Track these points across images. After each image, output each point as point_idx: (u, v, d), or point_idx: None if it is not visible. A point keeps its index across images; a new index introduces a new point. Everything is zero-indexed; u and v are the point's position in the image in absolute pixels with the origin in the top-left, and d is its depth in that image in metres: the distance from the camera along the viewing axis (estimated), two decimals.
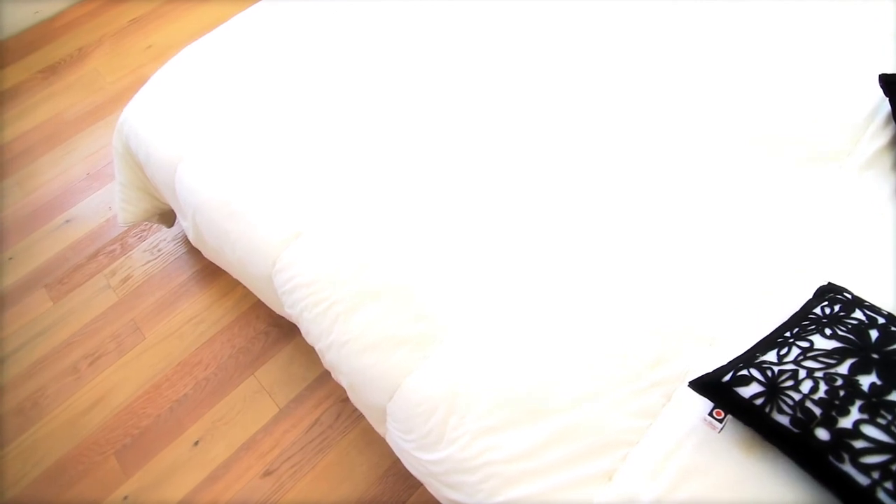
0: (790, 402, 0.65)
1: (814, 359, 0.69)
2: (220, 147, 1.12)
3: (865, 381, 0.65)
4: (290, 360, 1.44)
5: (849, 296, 0.78)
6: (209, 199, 1.09)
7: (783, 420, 0.65)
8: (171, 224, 1.64)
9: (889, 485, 0.60)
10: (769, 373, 0.68)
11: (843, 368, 0.67)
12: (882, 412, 0.63)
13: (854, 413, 0.63)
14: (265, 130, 1.13)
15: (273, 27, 1.33)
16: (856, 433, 0.62)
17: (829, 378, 0.66)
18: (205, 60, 1.29)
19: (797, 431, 0.64)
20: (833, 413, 0.64)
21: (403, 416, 0.88)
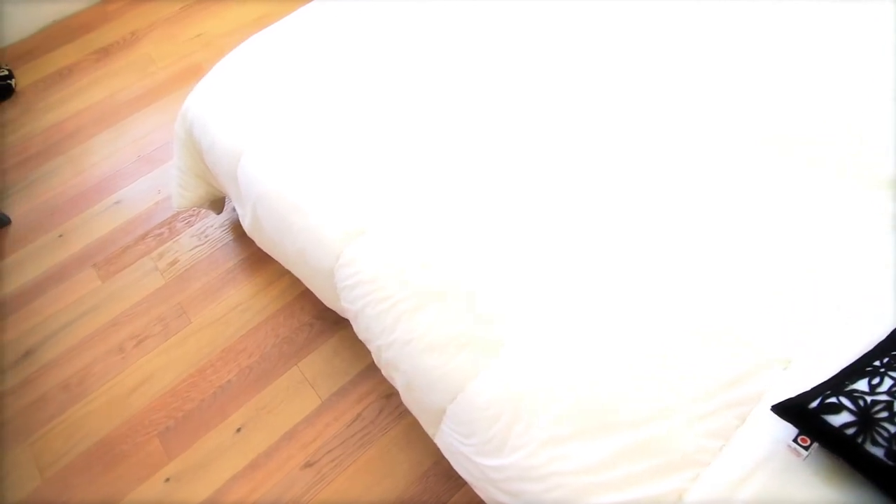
0: (885, 434, 0.63)
1: None
2: (286, 139, 1.13)
3: None
4: (334, 354, 1.44)
5: None
6: (273, 191, 1.09)
7: (877, 452, 0.63)
8: (220, 211, 1.65)
9: None
10: (861, 402, 0.66)
11: None
12: None
13: None
14: (329, 125, 1.13)
15: (336, 22, 1.33)
16: None
17: None
18: (268, 52, 1.29)
19: (893, 464, 0.62)
20: None
21: (465, 420, 0.88)
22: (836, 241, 0.92)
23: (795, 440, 0.70)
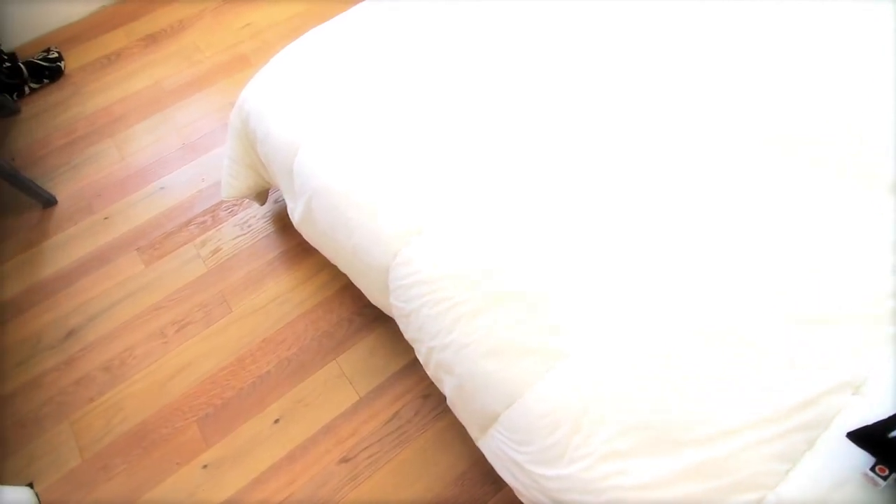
0: None
1: None
2: (345, 135, 1.12)
3: None
4: (372, 351, 1.44)
5: None
6: (331, 186, 1.09)
7: None
8: (264, 202, 1.66)
9: None
10: None
11: None
12: None
13: None
14: (388, 122, 1.13)
15: (395, 19, 1.33)
16: None
17: None
18: (326, 47, 1.29)
19: None
20: None
21: (522, 427, 0.87)
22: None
23: (873, 469, 0.68)
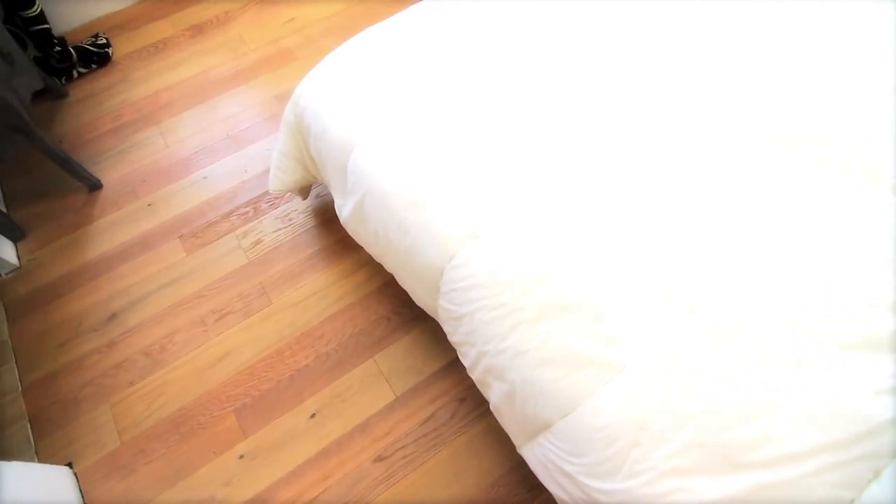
0: None
1: None
2: (402, 135, 1.13)
3: None
4: (409, 351, 1.45)
5: None
6: (387, 186, 1.09)
7: None
8: (306, 197, 1.67)
9: None
10: None
11: None
12: None
13: None
14: (447, 123, 1.13)
15: (451, 19, 1.33)
16: None
17: None
18: (383, 45, 1.30)
19: None
20: None
21: (575, 438, 0.86)
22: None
23: None
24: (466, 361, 1.12)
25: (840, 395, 0.80)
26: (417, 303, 1.26)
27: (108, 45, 2.15)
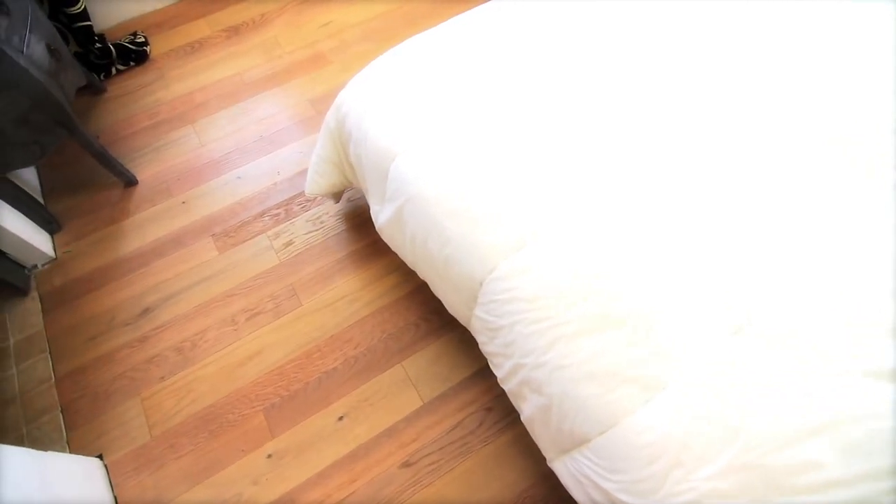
0: None
1: None
2: (446, 145, 1.13)
3: None
4: (437, 358, 1.45)
5: None
6: (429, 194, 1.10)
7: None
8: (338, 201, 1.68)
9: None
10: None
11: None
12: None
13: None
14: (490, 134, 1.14)
15: (494, 30, 1.34)
16: None
17: None
18: (426, 54, 1.31)
19: None
20: None
21: (614, 455, 0.86)
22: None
23: None
24: (499, 372, 1.12)
25: (887, 423, 0.80)
26: (450, 311, 1.27)
27: (147, 44, 2.19)
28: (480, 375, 1.42)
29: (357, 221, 1.70)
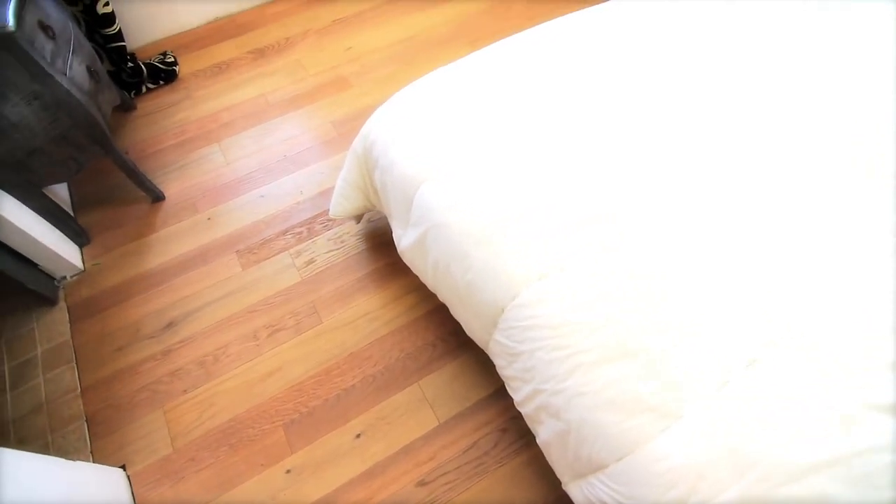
0: None
1: None
2: (471, 174, 1.18)
3: None
4: (454, 378, 1.48)
5: None
6: (453, 222, 1.14)
7: None
8: (360, 221, 1.73)
9: None
10: None
11: None
12: None
13: None
14: (514, 165, 1.18)
15: (518, 64, 1.39)
16: None
17: None
18: (451, 85, 1.36)
19: None
20: None
21: (633, 482, 0.89)
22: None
23: None
24: (517, 396, 1.15)
25: (892, 456, 0.82)
26: (468, 334, 1.30)
27: (176, 63, 2.27)
28: (496, 396, 1.44)
29: (377, 241, 1.75)
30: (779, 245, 1.03)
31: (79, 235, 1.78)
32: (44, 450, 1.43)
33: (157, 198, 1.88)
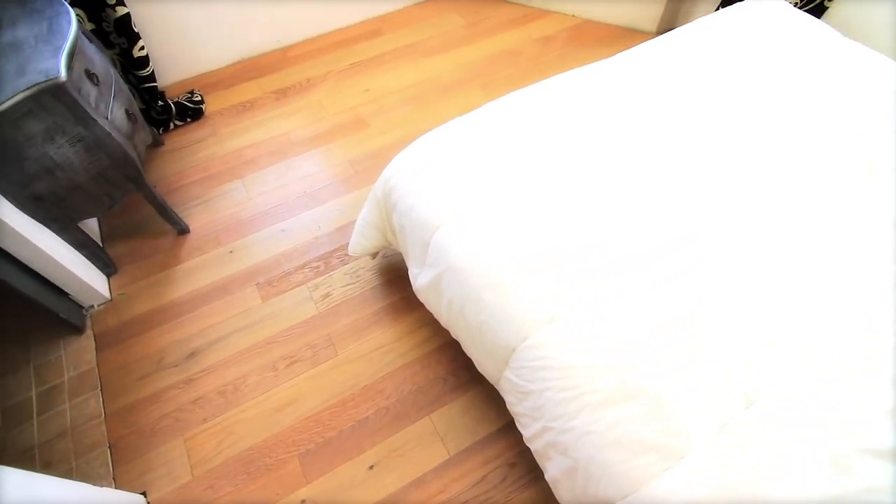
0: None
1: None
2: (484, 220, 1.25)
3: None
4: (464, 412, 1.53)
5: None
6: (468, 265, 1.22)
7: None
8: (375, 257, 1.81)
9: None
10: None
11: None
12: None
13: None
14: (528, 213, 1.26)
15: (533, 113, 1.48)
16: None
17: None
18: (469, 133, 1.44)
19: None
20: None
21: None
22: None
23: None
24: (526, 432, 1.20)
25: (888, 499, 0.87)
26: (479, 370, 1.36)
27: (203, 102, 2.39)
28: (505, 431, 1.49)
29: (391, 276, 1.82)
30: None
31: (107, 266, 1.86)
32: (68, 474, 1.48)
33: (183, 231, 1.96)
